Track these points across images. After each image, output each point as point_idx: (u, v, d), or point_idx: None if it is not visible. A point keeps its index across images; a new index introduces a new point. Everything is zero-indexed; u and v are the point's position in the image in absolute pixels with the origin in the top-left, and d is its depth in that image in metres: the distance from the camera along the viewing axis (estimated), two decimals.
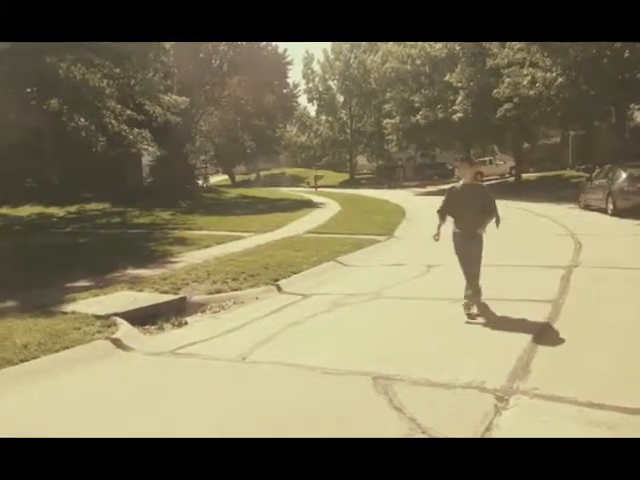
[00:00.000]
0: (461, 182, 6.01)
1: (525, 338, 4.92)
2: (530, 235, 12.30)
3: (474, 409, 3.60)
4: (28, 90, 17.56)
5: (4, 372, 4.54)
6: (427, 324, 5.70)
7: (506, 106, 25.60)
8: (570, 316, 5.66)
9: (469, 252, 5.82)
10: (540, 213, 16.89)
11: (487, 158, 41.73)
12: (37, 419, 3.82)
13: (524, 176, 34.23)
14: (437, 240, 6.00)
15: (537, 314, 5.66)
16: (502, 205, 6.42)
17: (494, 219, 5.92)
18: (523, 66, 23.78)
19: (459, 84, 29.77)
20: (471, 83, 28.94)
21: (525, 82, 23.37)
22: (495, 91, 25.52)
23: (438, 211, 6.09)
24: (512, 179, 35.59)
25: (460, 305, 5.84)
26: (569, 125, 29.48)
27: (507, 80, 24.43)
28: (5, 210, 21.88)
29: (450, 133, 32.62)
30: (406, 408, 3.65)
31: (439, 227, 6.00)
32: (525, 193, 25.48)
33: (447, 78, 30.30)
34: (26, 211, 21.92)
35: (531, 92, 23.09)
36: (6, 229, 17.17)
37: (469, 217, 5.78)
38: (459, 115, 29.89)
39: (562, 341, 4.88)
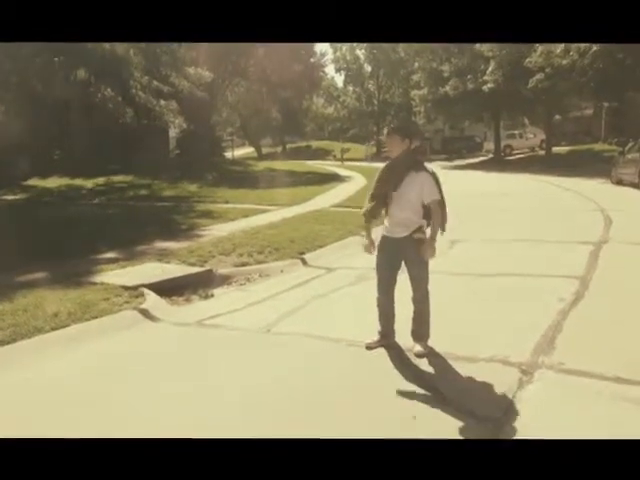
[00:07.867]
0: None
1: (551, 314, 4.87)
2: (557, 210, 12.08)
3: (498, 382, 3.60)
4: (55, 59, 17.52)
5: (36, 339, 4.69)
6: (448, 299, 5.54)
7: (538, 76, 25.01)
8: (598, 292, 5.57)
9: (394, 270, 4.19)
10: (569, 188, 16.54)
11: (517, 131, 40.97)
12: (64, 384, 3.94)
13: (555, 149, 33.52)
14: (370, 252, 4.30)
15: (563, 290, 5.58)
16: (530, 179, 6.23)
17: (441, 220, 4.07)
18: None
19: (490, 53, 28.96)
20: (503, 52, 28.09)
21: (558, 51, 22.73)
22: (527, 60, 24.88)
23: (366, 208, 4.24)
24: (542, 152, 34.91)
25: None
26: (603, 96, 28.53)
27: (540, 48, 23.77)
28: (34, 182, 22.20)
29: (480, 104, 31.96)
30: (429, 379, 3.71)
31: (368, 231, 4.36)
32: (555, 167, 24.98)
33: (478, 46, 29.42)
34: (54, 182, 22.13)
35: (564, 61, 22.47)
36: (36, 201, 17.49)
37: (397, 213, 4.08)
38: (489, 86, 29.20)
39: (589, 317, 4.82)
